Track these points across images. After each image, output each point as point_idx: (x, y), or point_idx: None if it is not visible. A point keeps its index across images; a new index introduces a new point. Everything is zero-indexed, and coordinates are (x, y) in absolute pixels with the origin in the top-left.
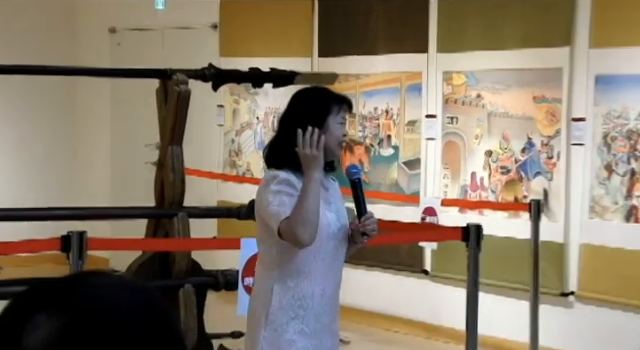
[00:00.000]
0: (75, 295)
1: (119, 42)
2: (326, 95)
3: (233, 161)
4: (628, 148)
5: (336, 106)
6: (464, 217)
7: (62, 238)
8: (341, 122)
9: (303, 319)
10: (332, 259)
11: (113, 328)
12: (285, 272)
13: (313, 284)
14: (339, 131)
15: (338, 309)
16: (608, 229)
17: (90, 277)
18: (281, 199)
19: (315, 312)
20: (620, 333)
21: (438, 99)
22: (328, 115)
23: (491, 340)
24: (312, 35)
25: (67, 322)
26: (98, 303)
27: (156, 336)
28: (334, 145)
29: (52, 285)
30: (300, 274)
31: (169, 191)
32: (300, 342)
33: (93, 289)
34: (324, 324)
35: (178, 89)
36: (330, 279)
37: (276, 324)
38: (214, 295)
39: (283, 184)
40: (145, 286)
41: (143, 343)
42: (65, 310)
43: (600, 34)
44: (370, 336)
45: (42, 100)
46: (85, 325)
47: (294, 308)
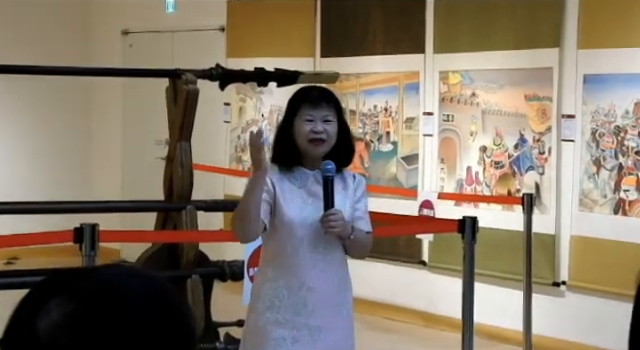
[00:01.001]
0: (87, 283)
1: (131, 44)
2: (297, 96)
3: (239, 156)
4: (615, 144)
5: (299, 106)
6: (460, 210)
7: (75, 230)
8: (307, 119)
9: (279, 309)
10: (311, 252)
11: (121, 315)
12: (266, 263)
13: (289, 276)
14: (304, 129)
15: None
16: (597, 221)
17: (103, 268)
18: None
19: (291, 303)
20: (608, 320)
21: (435, 97)
22: (294, 116)
23: (486, 328)
24: (314, 37)
25: (76, 307)
26: (108, 291)
27: (166, 325)
28: (304, 144)
29: (67, 274)
30: (278, 266)
31: (178, 185)
32: (275, 332)
33: (104, 278)
34: (306, 316)
35: (187, 88)
36: (309, 272)
37: (255, 312)
38: (220, 285)
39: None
40: (156, 277)
41: (152, 331)
42: (75, 296)
43: (588, 36)
44: (370, 324)
45: (57, 99)
46: (93, 310)
47: (270, 298)
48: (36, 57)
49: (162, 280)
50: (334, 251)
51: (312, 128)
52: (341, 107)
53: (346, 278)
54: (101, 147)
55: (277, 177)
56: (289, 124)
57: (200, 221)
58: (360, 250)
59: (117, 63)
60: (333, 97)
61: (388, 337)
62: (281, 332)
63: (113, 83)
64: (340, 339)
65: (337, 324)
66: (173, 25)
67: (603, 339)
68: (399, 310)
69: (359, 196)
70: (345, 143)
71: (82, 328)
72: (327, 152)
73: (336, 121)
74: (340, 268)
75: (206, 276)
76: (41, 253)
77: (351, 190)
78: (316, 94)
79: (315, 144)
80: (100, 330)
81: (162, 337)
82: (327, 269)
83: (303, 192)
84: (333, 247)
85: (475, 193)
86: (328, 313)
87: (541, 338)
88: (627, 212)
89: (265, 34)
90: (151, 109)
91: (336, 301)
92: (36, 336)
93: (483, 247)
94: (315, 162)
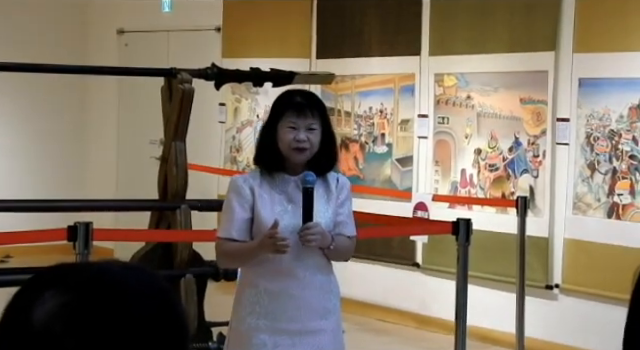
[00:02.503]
0: (82, 275)
1: (127, 43)
2: (279, 100)
3: (234, 157)
4: (609, 148)
5: (283, 111)
6: (454, 212)
7: (69, 228)
8: (290, 126)
9: (259, 315)
10: (294, 261)
11: (116, 306)
12: (246, 269)
13: (269, 282)
14: (287, 136)
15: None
16: (591, 225)
17: (100, 262)
18: (225, 211)
19: (272, 310)
20: (601, 323)
21: (430, 100)
22: (278, 122)
23: (479, 330)
24: (310, 38)
25: (71, 298)
26: (103, 282)
27: (160, 317)
28: (286, 150)
29: (62, 267)
30: (258, 272)
31: (172, 185)
32: (255, 337)
33: (99, 270)
34: (286, 322)
35: (182, 87)
36: (290, 281)
37: (237, 317)
38: (214, 285)
39: (232, 192)
40: (151, 271)
41: (146, 323)
42: (71, 287)
43: (583, 40)
44: (363, 326)
45: (52, 98)
46: (88, 301)
47: (251, 303)
48: (31, 55)
49: (156, 275)
50: (315, 257)
51: (295, 136)
52: (326, 113)
53: (329, 282)
54: (96, 146)
55: (257, 182)
56: (272, 128)
57: (194, 221)
58: (341, 256)
59: (113, 62)
60: (318, 104)
61: (381, 339)
62: (262, 337)
63: (108, 82)
64: (325, 343)
65: (321, 327)
66: (169, 25)
67: (596, 342)
68: (392, 312)
69: (342, 199)
70: (328, 149)
71: (77, 318)
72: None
73: (320, 128)
74: (321, 273)
75: (200, 276)
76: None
77: (334, 194)
78: (300, 101)
79: (297, 152)
80: (95, 320)
81: (156, 329)
82: (308, 275)
83: (283, 199)
84: (314, 253)
85: (469, 195)
86: (310, 318)
87: (534, 341)
88: (621, 216)
89: (261, 34)
90: (146, 108)
91: (319, 305)
92: (31, 326)
93: (477, 249)
94: (297, 168)
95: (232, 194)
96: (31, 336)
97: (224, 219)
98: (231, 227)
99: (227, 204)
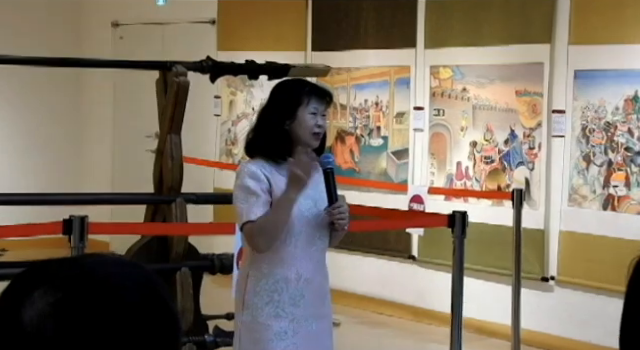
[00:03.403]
0: (71, 272)
1: (121, 36)
2: (298, 87)
3: (229, 150)
4: (605, 140)
5: (306, 97)
6: (450, 205)
7: (64, 222)
8: (313, 113)
9: (278, 303)
10: (307, 244)
11: (107, 302)
12: (259, 258)
13: (286, 269)
14: (310, 122)
15: (325, 293)
16: (586, 217)
17: (88, 257)
18: (247, 197)
19: (290, 296)
20: (597, 315)
21: (425, 92)
22: (298, 106)
23: (475, 322)
24: (306, 30)
25: (61, 296)
26: (92, 279)
27: (149, 311)
28: (307, 136)
29: (51, 264)
30: (273, 260)
31: (167, 178)
32: (276, 325)
33: (88, 266)
34: (304, 308)
35: (177, 80)
36: (306, 264)
37: (252, 309)
38: (210, 278)
39: (249, 178)
40: (141, 265)
41: (136, 317)
42: (60, 285)
43: (579, 31)
44: (359, 318)
45: (47, 91)
46: (78, 299)
47: (268, 293)
48: (26, 48)
49: (146, 269)
50: (325, 242)
51: (316, 122)
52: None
53: (326, 267)
54: (91, 139)
55: (267, 169)
56: (290, 114)
57: (190, 214)
58: (339, 240)
59: (107, 55)
60: (331, 94)
61: (377, 331)
62: (282, 325)
63: (103, 75)
64: (326, 327)
65: (324, 312)
66: (164, 17)
67: (591, 334)
68: (388, 304)
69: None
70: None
71: (68, 316)
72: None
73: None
74: (325, 258)
75: (195, 269)
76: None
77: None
78: (320, 88)
79: (316, 137)
80: (86, 318)
81: (147, 324)
82: (320, 259)
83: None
84: (324, 238)
85: (465, 188)
86: (319, 302)
87: (529, 332)
88: (616, 208)
89: (256, 27)
90: (142, 102)
91: (324, 290)
92: (21, 327)
93: (472, 242)
94: (299, 155)
95: (249, 180)
96: (22, 337)
97: (249, 203)
98: (259, 210)
99: (246, 190)
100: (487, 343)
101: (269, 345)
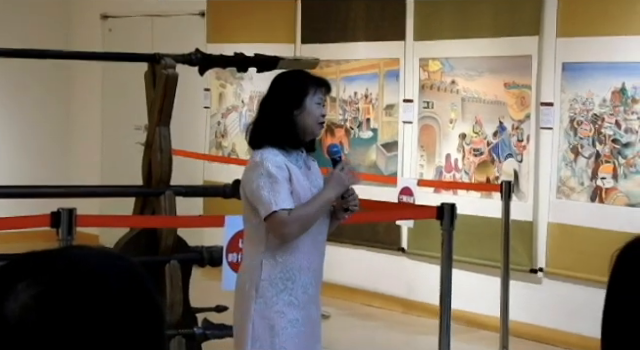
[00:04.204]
0: (54, 264)
1: (110, 28)
2: (303, 77)
3: (219, 142)
4: (593, 132)
5: (313, 87)
6: (439, 197)
7: (52, 214)
8: (318, 102)
9: (291, 291)
10: (316, 234)
11: (91, 294)
12: (273, 247)
13: (300, 258)
14: (317, 111)
15: (321, 281)
16: (574, 209)
17: (71, 249)
18: (272, 186)
19: (302, 284)
20: (585, 307)
21: (415, 85)
22: (305, 96)
23: (464, 314)
24: (295, 23)
25: (45, 288)
26: (76, 271)
27: (133, 303)
28: (313, 125)
29: (34, 256)
30: (287, 249)
31: (156, 170)
32: (290, 313)
33: (72, 258)
34: (311, 296)
35: (166, 73)
36: (315, 253)
37: (266, 297)
38: (199, 271)
39: (273, 166)
40: (125, 257)
41: (120, 309)
42: (43, 278)
43: (567, 24)
44: (349, 310)
45: (35, 83)
46: (62, 291)
47: (283, 281)
48: (15, 41)
49: (130, 260)
50: (326, 231)
51: (322, 112)
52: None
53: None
54: (80, 132)
55: (282, 158)
56: (298, 104)
57: (179, 206)
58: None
59: (96, 48)
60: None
61: (367, 323)
62: (295, 313)
63: (92, 68)
64: (320, 314)
65: (319, 300)
66: (153, 10)
67: (579, 325)
68: (378, 296)
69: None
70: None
71: (50, 309)
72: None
73: None
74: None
75: (185, 261)
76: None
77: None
78: (323, 80)
79: (321, 126)
80: (68, 310)
81: (131, 316)
82: (322, 248)
83: (304, 175)
84: (326, 227)
85: (454, 180)
86: (318, 290)
87: (518, 324)
88: (604, 200)
89: (246, 20)
90: (131, 94)
91: (321, 278)
92: (5, 320)
93: (461, 234)
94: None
95: (273, 168)
96: (5, 330)
97: (276, 192)
98: (287, 197)
99: (271, 179)
100: (476, 335)
101: (284, 332)
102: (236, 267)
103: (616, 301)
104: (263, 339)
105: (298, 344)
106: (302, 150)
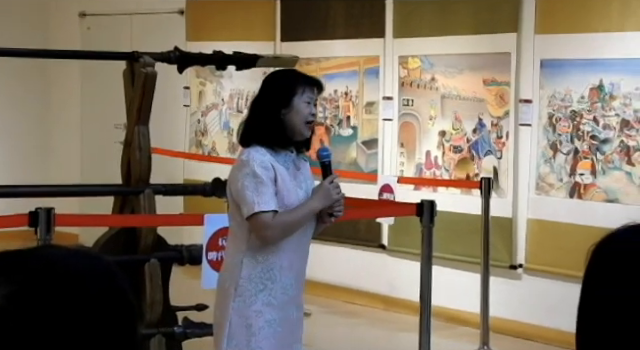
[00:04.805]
0: (27, 264)
1: (89, 26)
2: (292, 76)
3: (199, 141)
4: (571, 128)
5: (301, 87)
6: (419, 194)
7: (30, 214)
8: (307, 102)
9: (271, 291)
10: (300, 235)
11: (62, 293)
12: (254, 247)
13: (281, 258)
14: (305, 110)
15: (304, 282)
16: (553, 205)
17: (45, 248)
18: (257, 186)
19: (282, 285)
20: (564, 302)
21: (394, 82)
22: (294, 95)
23: (444, 311)
24: (275, 21)
25: (17, 288)
26: (48, 271)
27: (107, 302)
28: (301, 124)
29: (7, 256)
30: (269, 249)
31: (136, 169)
32: (268, 313)
33: (44, 258)
34: (290, 296)
35: (145, 71)
36: (297, 253)
37: (245, 296)
38: (179, 269)
39: (258, 167)
40: (98, 256)
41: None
42: (16, 277)
43: (545, 21)
44: (330, 308)
45: (14, 82)
46: (34, 291)
47: (262, 280)
48: None
49: (105, 259)
50: (311, 232)
51: (310, 111)
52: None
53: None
54: (59, 131)
55: (269, 158)
56: (286, 103)
57: (159, 205)
58: (321, 230)
59: (75, 46)
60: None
61: (348, 320)
62: (273, 313)
63: (71, 66)
64: (301, 315)
65: (301, 301)
66: (132, 8)
67: (559, 321)
68: (359, 294)
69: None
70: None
71: (25, 309)
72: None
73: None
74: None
75: (164, 260)
76: None
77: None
78: (313, 78)
79: (309, 127)
80: (43, 310)
81: (105, 313)
82: (305, 249)
83: (292, 175)
84: (312, 228)
85: (434, 177)
86: (300, 291)
87: (498, 320)
88: (582, 196)
89: (225, 18)
90: (110, 93)
91: (304, 279)
92: None
93: (442, 231)
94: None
95: (259, 168)
96: None
97: (260, 192)
98: (270, 199)
99: (256, 179)
100: (456, 331)
101: (261, 332)
102: (216, 265)
103: (591, 296)
104: (239, 338)
105: (274, 344)
106: (292, 150)
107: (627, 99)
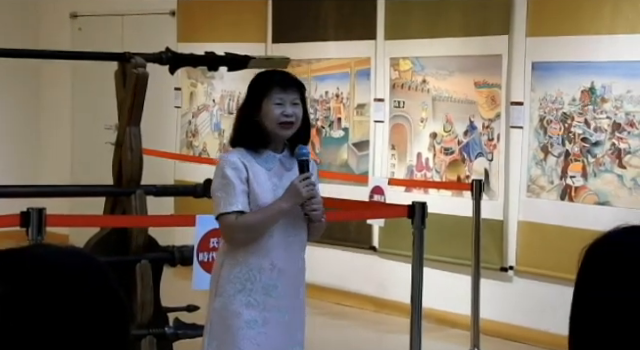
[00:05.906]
0: (19, 263)
1: (80, 27)
2: (264, 79)
3: (190, 142)
4: (562, 131)
5: (270, 89)
6: (410, 196)
7: (21, 214)
8: (277, 103)
9: (250, 292)
10: (283, 235)
11: (53, 293)
12: (234, 248)
13: (261, 258)
14: (275, 111)
15: (299, 285)
16: (544, 207)
17: (37, 247)
18: (224, 187)
19: (263, 285)
20: (555, 305)
21: (386, 84)
22: (263, 98)
23: (435, 312)
24: (266, 22)
25: (9, 289)
26: (40, 271)
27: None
28: (273, 126)
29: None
30: (249, 249)
31: (127, 170)
32: (247, 314)
33: (37, 257)
34: (277, 298)
35: (136, 72)
36: (281, 254)
37: (224, 296)
38: (170, 270)
39: (227, 168)
40: (89, 255)
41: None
42: (7, 278)
43: (536, 23)
44: (321, 310)
45: (5, 83)
46: (25, 292)
47: (241, 281)
48: None
49: (94, 258)
50: (301, 234)
51: (283, 111)
52: (304, 90)
53: (304, 260)
54: (50, 132)
55: (247, 159)
56: (256, 106)
57: (150, 206)
58: (319, 233)
59: (66, 47)
60: (299, 81)
61: (339, 322)
62: (253, 314)
63: (62, 67)
64: (298, 318)
65: (296, 304)
66: (123, 9)
67: (550, 323)
68: (350, 295)
69: (314, 181)
70: (306, 125)
71: (17, 307)
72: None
73: (301, 104)
74: (303, 250)
75: (155, 261)
76: None
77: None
78: (285, 78)
79: (284, 127)
80: (37, 309)
81: (99, 314)
82: (295, 251)
83: (272, 175)
84: (301, 230)
85: (425, 179)
86: (292, 294)
87: (489, 322)
88: (573, 198)
89: (217, 19)
90: (101, 93)
91: (298, 282)
92: None
93: (433, 233)
94: (279, 145)
95: (228, 169)
96: None
97: (227, 194)
98: (237, 201)
99: (224, 180)
100: (447, 333)
101: (239, 333)
102: (207, 266)
103: (584, 298)
104: (220, 338)
105: (260, 346)
106: (283, 149)
107: (618, 102)
